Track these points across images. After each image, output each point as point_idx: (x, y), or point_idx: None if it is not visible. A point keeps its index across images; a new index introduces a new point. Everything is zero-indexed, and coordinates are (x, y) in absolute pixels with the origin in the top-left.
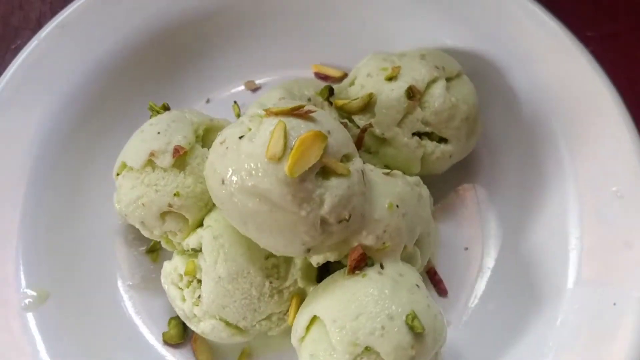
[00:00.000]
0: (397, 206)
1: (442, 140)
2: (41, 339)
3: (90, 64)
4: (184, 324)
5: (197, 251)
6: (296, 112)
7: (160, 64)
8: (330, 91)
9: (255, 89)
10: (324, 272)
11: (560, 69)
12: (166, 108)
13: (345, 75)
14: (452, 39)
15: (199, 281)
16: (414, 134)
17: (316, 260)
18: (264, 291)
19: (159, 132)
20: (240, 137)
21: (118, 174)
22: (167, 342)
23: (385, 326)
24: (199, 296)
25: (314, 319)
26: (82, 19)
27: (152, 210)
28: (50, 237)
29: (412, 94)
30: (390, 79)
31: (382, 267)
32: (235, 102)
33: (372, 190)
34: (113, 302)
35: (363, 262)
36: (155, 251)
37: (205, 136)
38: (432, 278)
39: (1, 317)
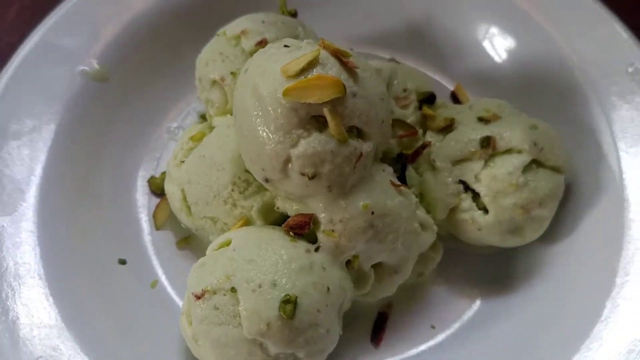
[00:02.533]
0: (373, 213)
1: (485, 209)
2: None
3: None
4: None
5: None
6: (342, 57)
7: None
8: (430, 98)
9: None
10: None
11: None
12: (292, 14)
13: None
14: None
15: None
16: (461, 182)
17: (278, 204)
18: (223, 193)
19: (263, 21)
20: (285, 46)
21: (218, 35)
22: (149, 185)
23: (263, 286)
24: (183, 161)
25: (229, 241)
26: None
27: (209, 73)
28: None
29: (487, 144)
30: (481, 119)
31: (316, 250)
32: None
33: (363, 182)
34: (145, 128)
35: (302, 229)
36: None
37: None
38: (378, 322)
39: None
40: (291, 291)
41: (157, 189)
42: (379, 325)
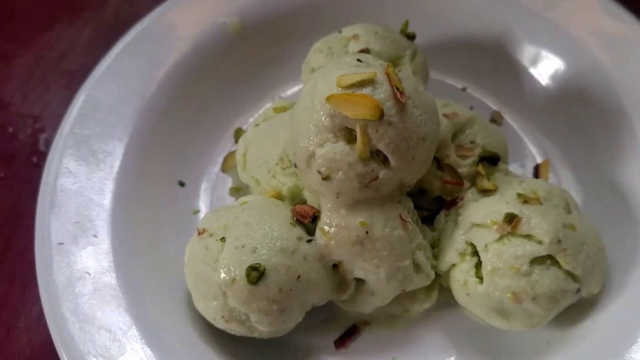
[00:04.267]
0: (367, 233)
1: (482, 279)
2: None
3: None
4: None
5: None
6: (397, 87)
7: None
8: (492, 159)
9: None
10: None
11: None
12: (409, 36)
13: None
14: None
15: None
16: (472, 246)
17: (304, 191)
18: (270, 163)
19: (376, 33)
20: (358, 60)
21: (339, 31)
22: (234, 133)
23: (245, 248)
24: (258, 125)
25: (247, 201)
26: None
27: (312, 61)
28: None
29: (510, 221)
30: (520, 196)
31: (308, 241)
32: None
33: (371, 202)
34: (258, 88)
35: (304, 217)
36: None
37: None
38: (349, 331)
39: None
40: (265, 263)
41: (237, 139)
42: (348, 334)
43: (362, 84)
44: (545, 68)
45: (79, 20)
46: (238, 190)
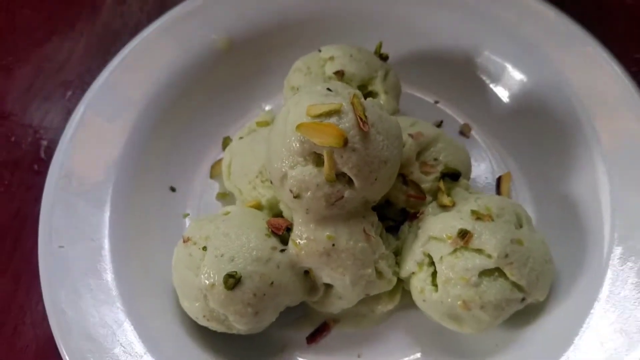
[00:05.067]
0: (333, 245)
1: (435, 286)
2: None
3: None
4: None
5: None
6: (360, 117)
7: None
8: (453, 176)
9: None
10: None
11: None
12: (382, 57)
13: None
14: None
15: None
16: (429, 257)
17: (280, 204)
18: (250, 175)
19: (351, 55)
20: (328, 89)
21: (319, 51)
22: (222, 141)
23: (224, 257)
24: (242, 137)
25: (228, 212)
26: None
27: (292, 79)
28: None
29: (463, 236)
30: (473, 212)
31: (282, 251)
32: None
33: (338, 218)
34: (246, 99)
35: (278, 229)
36: None
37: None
38: (320, 328)
39: None
40: (241, 271)
41: (225, 147)
42: (319, 330)
43: (329, 114)
44: (511, 83)
45: (74, 32)
46: (224, 196)
